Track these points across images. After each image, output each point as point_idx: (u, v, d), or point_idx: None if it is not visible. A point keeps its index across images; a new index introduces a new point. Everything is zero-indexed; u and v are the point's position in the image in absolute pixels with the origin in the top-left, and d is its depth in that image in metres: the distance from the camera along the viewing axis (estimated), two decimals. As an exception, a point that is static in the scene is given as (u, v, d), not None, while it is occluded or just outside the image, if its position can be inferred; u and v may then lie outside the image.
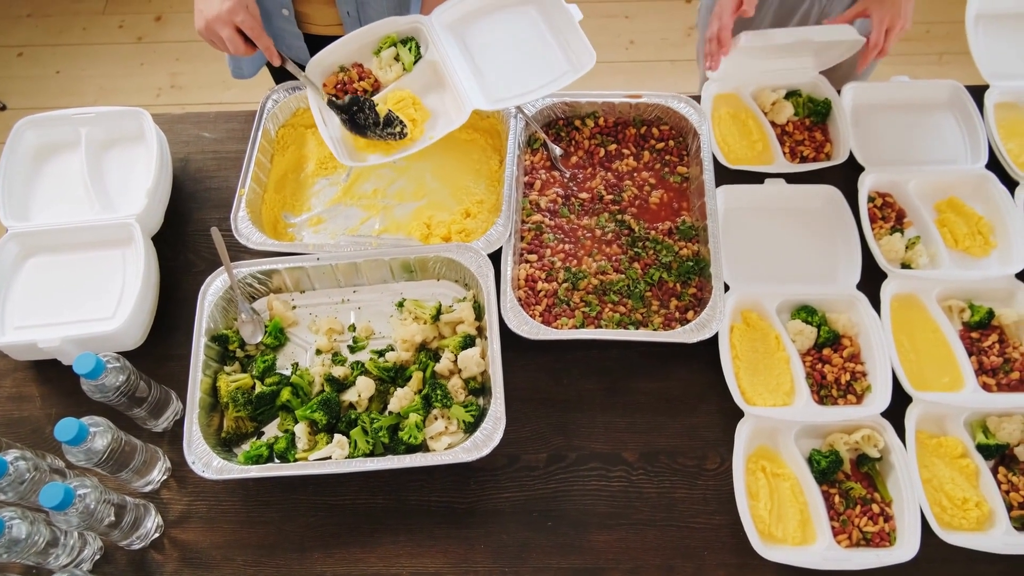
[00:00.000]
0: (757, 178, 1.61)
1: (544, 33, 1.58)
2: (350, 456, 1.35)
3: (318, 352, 1.48)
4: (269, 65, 1.82)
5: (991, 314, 1.46)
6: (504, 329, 1.41)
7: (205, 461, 1.30)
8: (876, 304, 1.46)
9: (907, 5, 1.61)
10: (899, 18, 1.60)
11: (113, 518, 1.22)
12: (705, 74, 1.75)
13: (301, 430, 1.37)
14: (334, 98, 1.53)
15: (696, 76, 2.15)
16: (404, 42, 1.58)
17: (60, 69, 3.41)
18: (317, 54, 1.56)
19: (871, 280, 1.49)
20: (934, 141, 1.67)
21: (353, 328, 1.51)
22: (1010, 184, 1.59)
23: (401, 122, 1.51)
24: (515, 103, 1.53)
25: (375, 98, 1.54)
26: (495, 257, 1.49)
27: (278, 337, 1.48)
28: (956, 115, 1.70)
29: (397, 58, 1.59)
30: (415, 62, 1.57)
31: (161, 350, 1.50)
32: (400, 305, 1.52)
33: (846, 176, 1.62)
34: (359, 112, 1.51)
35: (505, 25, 1.59)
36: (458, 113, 1.51)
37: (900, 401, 1.38)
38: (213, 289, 1.47)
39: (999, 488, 1.32)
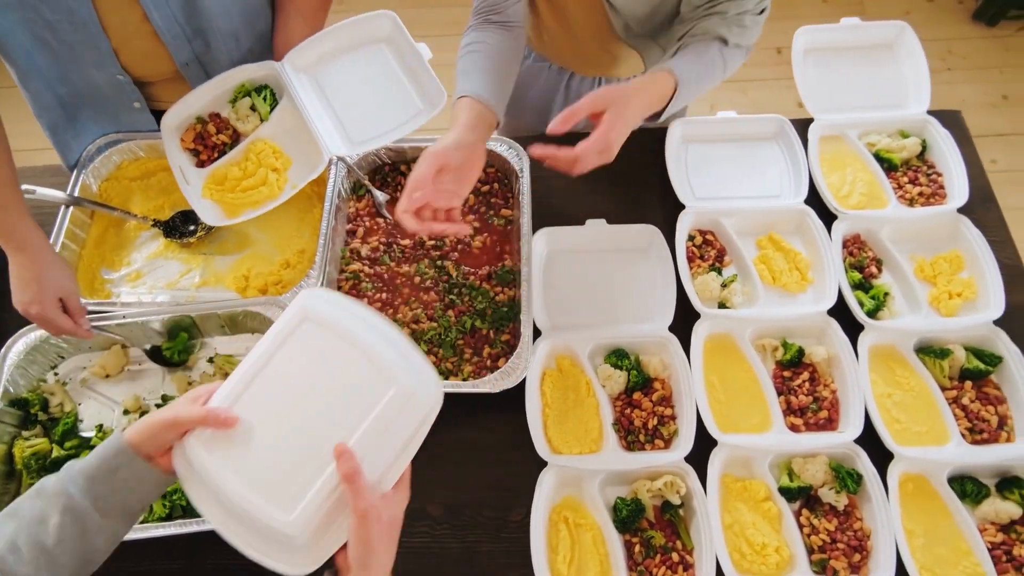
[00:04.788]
0: (579, 219, 1.60)
1: (397, 72, 1.57)
2: (145, 520, 1.31)
3: (125, 412, 1.45)
4: None
5: (801, 352, 1.45)
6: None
7: (-12, 533, 1.26)
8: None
9: (629, 127, 1.28)
10: (621, 134, 1.26)
11: None
12: None
13: (96, 496, 1.33)
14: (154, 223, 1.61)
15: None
16: (259, 90, 1.57)
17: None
18: (172, 107, 1.54)
19: (690, 321, 1.48)
20: (759, 176, 1.67)
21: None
22: (832, 218, 1.59)
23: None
24: (375, 145, 1.54)
25: (235, 150, 1.54)
26: (307, 309, 1.47)
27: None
28: (782, 149, 1.70)
29: (253, 108, 1.57)
30: (271, 110, 1.56)
31: (-35, 415, 1.46)
32: (212, 361, 1.49)
33: (670, 214, 1.61)
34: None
35: (358, 66, 1.59)
36: (319, 158, 1.51)
37: (711, 444, 1.37)
38: (14, 351, 1.43)
39: (801, 531, 1.31)
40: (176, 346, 1.47)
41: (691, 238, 1.59)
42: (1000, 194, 1.65)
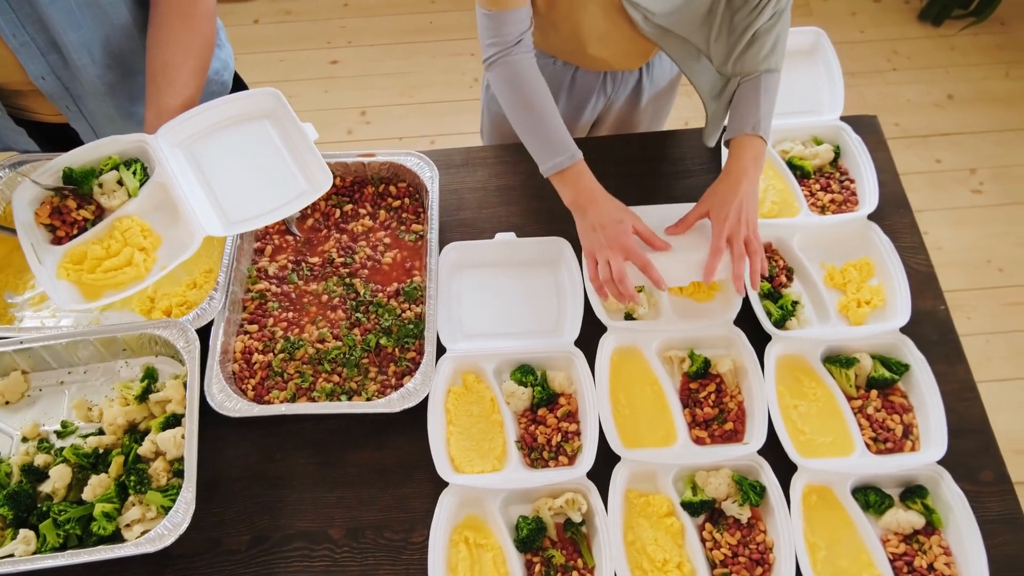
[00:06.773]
0: (492, 233, 1.59)
1: (280, 150, 1.44)
2: (38, 552, 1.29)
3: (24, 440, 1.43)
4: None
5: (708, 363, 1.44)
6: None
7: None
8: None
9: (748, 210, 1.40)
10: (740, 225, 1.39)
11: None
12: None
13: (-13, 527, 1.31)
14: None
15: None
16: (128, 164, 1.42)
17: None
18: (24, 185, 1.37)
19: (599, 334, 1.47)
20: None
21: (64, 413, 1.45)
22: (744, 227, 1.58)
23: None
24: (252, 227, 1.40)
25: (98, 227, 1.38)
26: (209, 330, 1.45)
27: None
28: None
29: (121, 182, 1.42)
30: (140, 186, 1.41)
31: None
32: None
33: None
34: None
35: (239, 142, 1.45)
36: (191, 239, 1.36)
37: (615, 460, 1.35)
38: (-92, 380, 1.41)
39: (704, 546, 1.30)
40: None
41: (600, 249, 1.57)
42: (944, 193, 1.64)
